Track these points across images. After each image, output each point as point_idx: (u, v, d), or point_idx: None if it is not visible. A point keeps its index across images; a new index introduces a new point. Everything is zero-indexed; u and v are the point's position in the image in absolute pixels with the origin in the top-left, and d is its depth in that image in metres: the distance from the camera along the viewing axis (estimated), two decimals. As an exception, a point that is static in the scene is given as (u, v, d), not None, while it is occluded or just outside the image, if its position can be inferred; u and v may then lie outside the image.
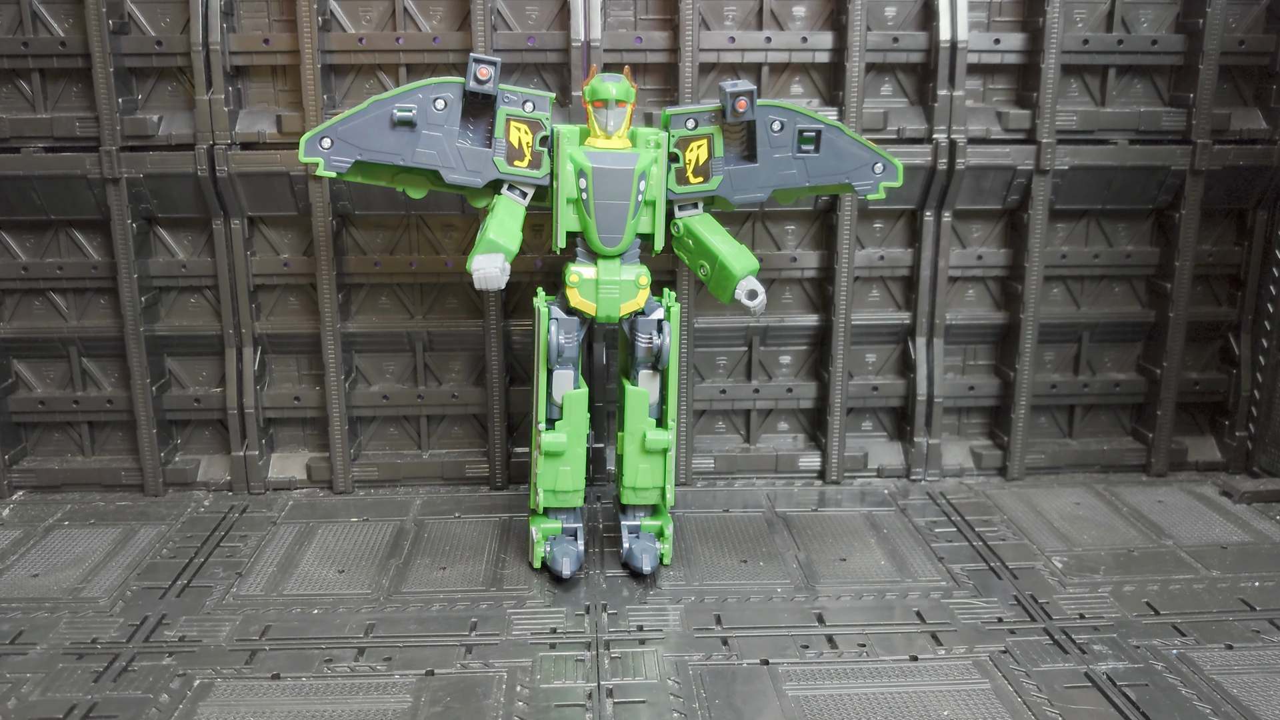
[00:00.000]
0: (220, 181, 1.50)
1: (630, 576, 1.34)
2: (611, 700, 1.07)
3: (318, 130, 1.23)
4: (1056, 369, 1.71)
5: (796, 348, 1.68)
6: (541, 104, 1.27)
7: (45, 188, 1.51)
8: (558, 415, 1.30)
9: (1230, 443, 1.71)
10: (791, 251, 1.62)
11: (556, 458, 1.30)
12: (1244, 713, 1.04)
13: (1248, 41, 1.57)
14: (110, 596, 1.29)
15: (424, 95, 1.24)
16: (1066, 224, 1.65)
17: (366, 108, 1.23)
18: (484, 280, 1.22)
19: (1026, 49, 1.56)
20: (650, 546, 1.33)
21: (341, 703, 1.06)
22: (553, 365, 1.29)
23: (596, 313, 1.29)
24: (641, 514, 1.37)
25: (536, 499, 1.33)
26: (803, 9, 1.54)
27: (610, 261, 1.28)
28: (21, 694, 1.08)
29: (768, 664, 1.13)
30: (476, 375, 1.65)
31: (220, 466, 1.64)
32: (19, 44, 1.48)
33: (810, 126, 1.30)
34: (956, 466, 1.69)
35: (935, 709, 1.05)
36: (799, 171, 1.31)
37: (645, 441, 1.30)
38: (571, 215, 1.27)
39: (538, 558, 1.34)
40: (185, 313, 1.62)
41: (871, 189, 1.33)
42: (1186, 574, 1.35)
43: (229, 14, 1.48)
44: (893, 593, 1.30)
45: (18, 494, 1.62)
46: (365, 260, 1.58)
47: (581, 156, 1.25)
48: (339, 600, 1.28)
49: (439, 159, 1.25)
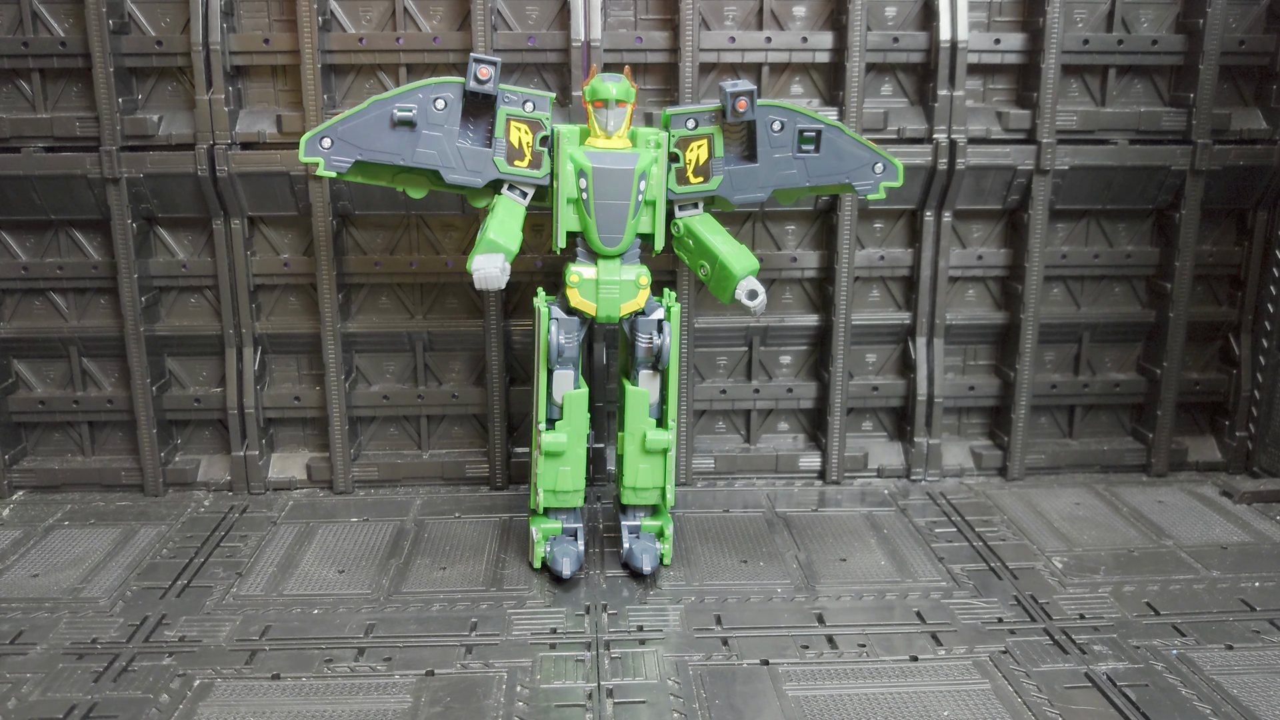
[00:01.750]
0: (220, 181, 1.50)
1: (630, 577, 1.34)
2: (611, 700, 1.07)
3: (318, 130, 1.23)
4: (1057, 369, 1.71)
5: (797, 348, 1.68)
6: (542, 104, 1.26)
7: (45, 187, 1.51)
8: (558, 415, 1.30)
9: (1230, 443, 1.71)
10: (791, 251, 1.62)
11: (556, 458, 1.30)
12: (1244, 713, 1.04)
13: (1248, 41, 1.57)
14: (110, 596, 1.29)
15: (424, 95, 1.24)
16: (1066, 224, 1.65)
17: (367, 108, 1.23)
18: (484, 280, 1.22)
19: (1027, 49, 1.56)
20: (650, 546, 1.33)
21: (341, 703, 1.06)
22: (553, 365, 1.29)
23: (597, 313, 1.29)
24: (642, 514, 1.37)
25: (536, 499, 1.33)
26: (803, 9, 1.54)
27: (610, 261, 1.28)
28: (21, 694, 1.08)
29: (768, 664, 1.13)
30: (477, 375, 1.65)
31: (220, 466, 1.64)
32: (19, 44, 1.48)
33: (810, 126, 1.29)
34: (957, 467, 1.69)
35: (935, 709, 1.05)
36: (799, 171, 1.31)
37: (645, 441, 1.30)
38: (572, 215, 1.27)
39: (538, 558, 1.34)
40: (185, 313, 1.62)
41: (872, 189, 1.33)
42: (1187, 574, 1.35)
43: (229, 14, 1.48)
44: (893, 593, 1.30)
45: (18, 494, 1.62)
46: (365, 260, 1.58)
47: (582, 156, 1.24)
48: (339, 600, 1.28)
49: (439, 159, 1.25)
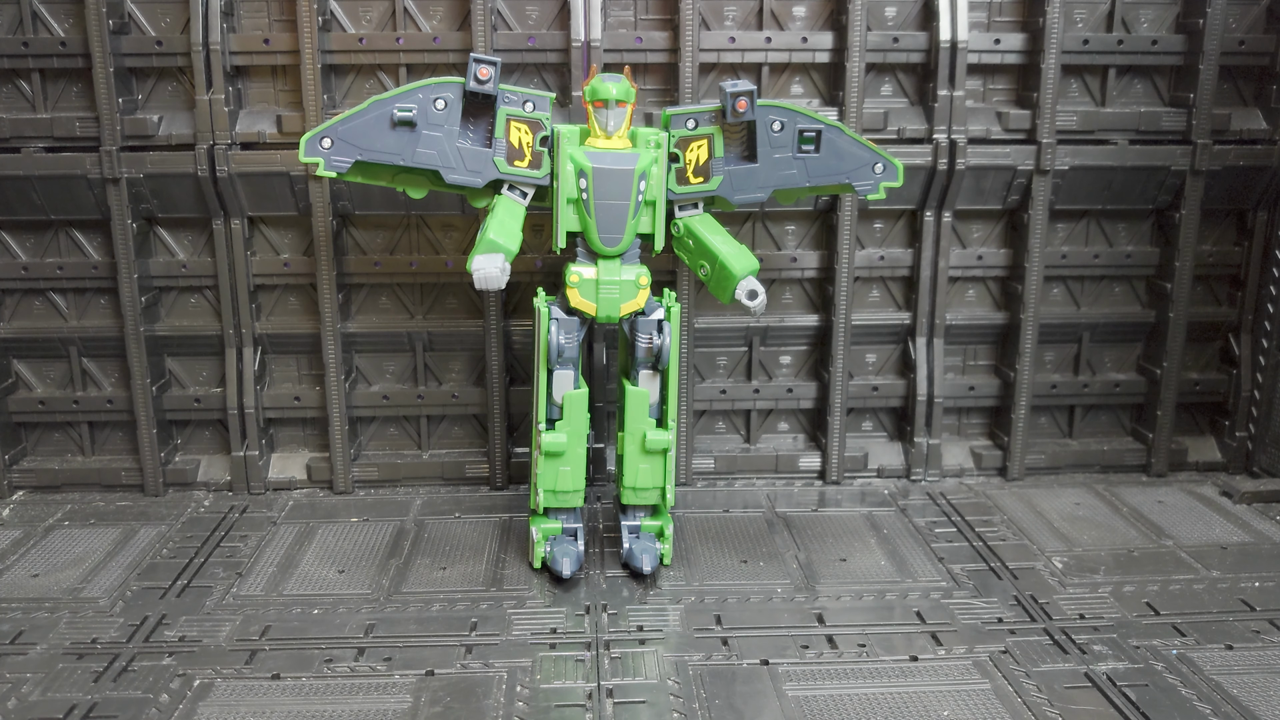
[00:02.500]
0: (220, 181, 1.50)
1: (630, 577, 1.34)
2: (611, 700, 1.07)
3: (318, 130, 1.23)
4: (1056, 369, 1.71)
5: (797, 348, 1.68)
6: (542, 104, 1.26)
7: (45, 188, 1.51)
8: (558, 415, 1.30)
9: (1230, 443, 1.71)
10: (792, 251, 1.62)
11: (556, 458, 1.30)
12: (1244, 713, 1.04)
13: (1248, 42, 1.57)
14: (110, 596, 1.29)
15: (424, 95, 1.24)
16: (1066, 224, 1.65)
17: (366, 108, 1.23)
18: (484, 280, 1.22)
19: (1027, 49, 1.56)
20: (650, 547, 1.33)
21: (341, 703, 1.06)
22: (553, 365, 1.28)
23: (596, 313, 1.28)
24: (641, 514, 1.37)
25: (537, 499, 1.33)
26: (803, 9, 1.54)
27: (610, 262, 1.28)
28: (22, 694, 1.08)
29: (768, 664, 1.13)
30: (477, 375, 1.65)
31: (220, 466, 1.64)
32: (19, 44, 1.48)
33: (810, 126, 1.29)
34: (956, 467, 1.69)
35: (935, 709, 1.05)
36: (799, 172, 1.31)
37: (645, 442, 1.30)
38: (572, 215, 1.27)
39: (538, 558, 1.34)
40: (185, 313, 1.62)
41: (872, 189, 1.33)
42: (1186, 574, 1.35)
43: (229, 14, 1.48)
44: (893, 593, 1.30)
45: (18, 494, 1.62)
46: (365, 260, 1.58)
47: (582, 156, 1.24)
48: (339, 600, 1.28)
49: (439, 159, 1.25)
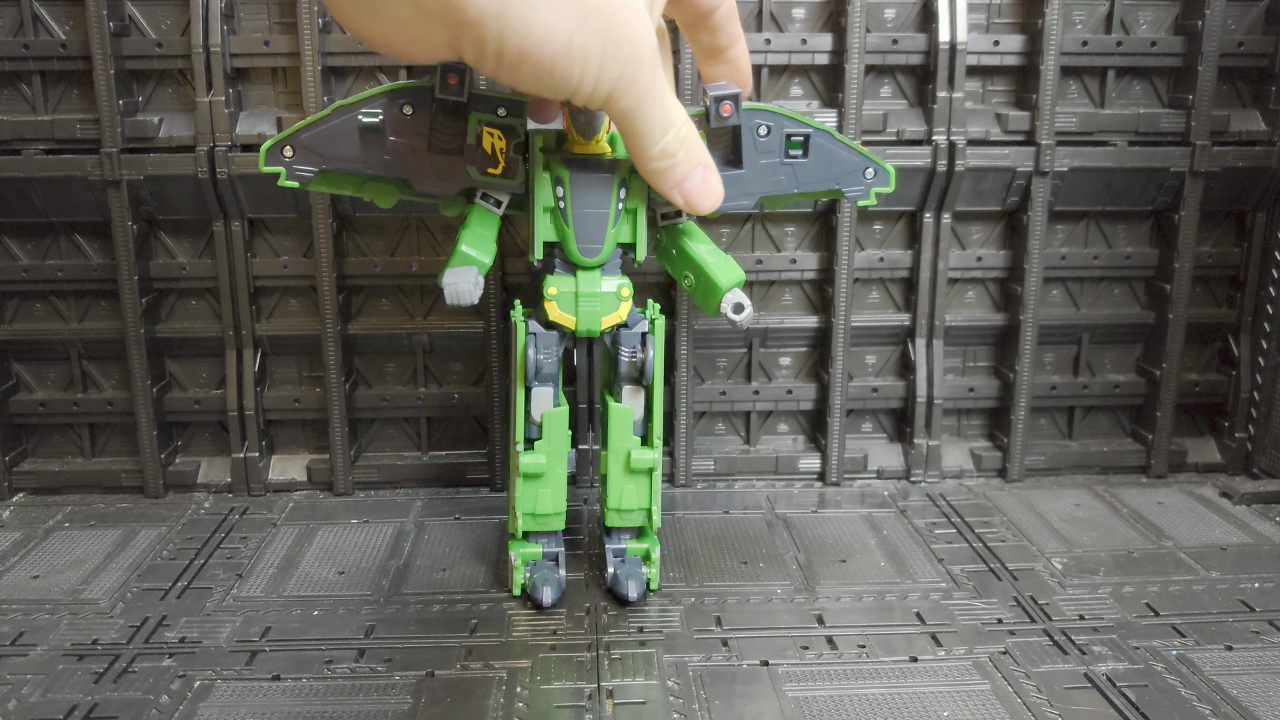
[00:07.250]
0: (220, 183, 1.50)
1: (617, 602, 1.28)
2: (611, 701, 1.07)
3: (279, 138, 1.15)
4: (1056, 370, 1.71)
5: (796, 349, 1.68)
6: (516, 109, 1.17)
7: (46, 190, 1.51)
8: (537, 435, 1.24)
9: (1230, 444, 1.71)
10: (791, 253, 1.62)
11: (536, 479, 1.24)
12: (1244, 713, 1.04)
13: (1246, 43, 1.57)
14: (111, 598, 1.29)
15: (390, 100, 1.14)
16: (1066, 225, 1.66)
17: (330, 114, 1.14)
18: (455, 295, 1.13)
19: (1026, 51, 1.56)
20: (637, 572, 1.27)
21: (342, 704, 1.06)
22: (530, 383, 1.22)
23: (576, 327, 1.21)
24: (627, 536, 1.31)
25: (515, 523, 1.27)
26: (802, 10, 1.54)
27: (590, 273, 1.20)
28: (22, 695, 1.08)
29: (768, 665, 1.13)
30: (477, 377, 1.65)
31: (221, 468, 1.64)
32: (20, 46, 1.48)
33: (798, 131, 1.22)
34: (956, 468, 1.69)
35: (935, 710, 1.05)
36: (787, 178, 1.24)
37: (630, 461, 1.24)
38: (548, 225, 1.19)
39: (517, 585, 1.28)
40: (186, 315, 1.62)
41: (863, 195, 1.26)
42: (1186, 575, 1.35)
43: (229, 16, 1.49)
44: (892, 594, 1.30)
45: (18, 496, 1.62)
46: (366, 262, 1.58)
47: (558, 163, 1.17)
48: (339, 602, 1.28)
49: (407, 168, 1.17)
